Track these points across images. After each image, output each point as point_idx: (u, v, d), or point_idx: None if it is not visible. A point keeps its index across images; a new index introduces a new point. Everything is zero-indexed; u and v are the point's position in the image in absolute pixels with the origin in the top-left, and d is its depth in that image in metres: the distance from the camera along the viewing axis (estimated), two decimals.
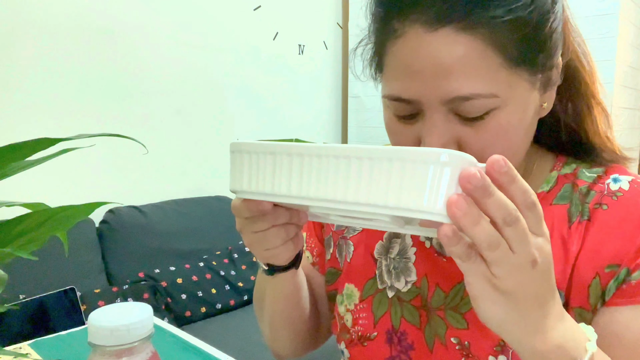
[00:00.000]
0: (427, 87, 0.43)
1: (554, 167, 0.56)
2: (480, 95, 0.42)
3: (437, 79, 0.43)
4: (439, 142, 0.45)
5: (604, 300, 0.49)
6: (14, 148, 0.31)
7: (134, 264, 1.83)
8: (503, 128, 0.44)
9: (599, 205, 0.51)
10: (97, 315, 0.38)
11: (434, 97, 0.44)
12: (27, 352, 0.75)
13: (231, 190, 0.45)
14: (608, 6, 2.04)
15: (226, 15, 2.32)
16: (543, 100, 0.49)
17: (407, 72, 0.44)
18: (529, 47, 0.43)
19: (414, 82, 0.44)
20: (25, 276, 1.54)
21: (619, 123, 2.22)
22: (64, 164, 1.82)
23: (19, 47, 1.72)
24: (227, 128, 2.39)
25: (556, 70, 0.48)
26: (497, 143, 0.45)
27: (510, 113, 0.44)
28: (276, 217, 0.47)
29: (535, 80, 0.46)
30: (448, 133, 0.45)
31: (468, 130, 0.45)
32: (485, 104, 0.43)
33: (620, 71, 2.14)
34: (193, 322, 1.83)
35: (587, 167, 0.55)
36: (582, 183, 0.53)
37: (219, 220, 2.14)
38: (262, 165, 0.41)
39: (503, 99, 0.43)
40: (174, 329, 0.84)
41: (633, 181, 0.52)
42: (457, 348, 0.52)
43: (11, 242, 0.33)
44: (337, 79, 2.92)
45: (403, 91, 0.45)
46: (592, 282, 0.48)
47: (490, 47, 0.42)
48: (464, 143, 0.45)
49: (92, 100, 1.91)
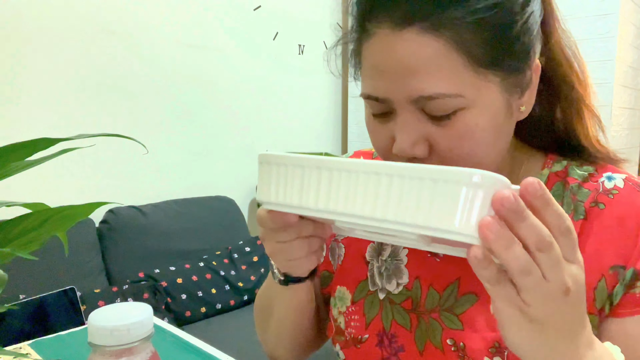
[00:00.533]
0: (395, 86, 0.44)
1: (545, 164, 0.55)
2: (445, 95, 0.43)
3: (403, 79, 0.43)
4: (409, 139, 0.45)
5: (611, 304, 0.48)
6: (14, 148, 0.31)
7: (134, 264, 1.83)
8: (470, 129, 0.44)
9: (595, 204, 0.50)
10: (97, 315, 0.38)
11: (401, 96, 0.44)
12: (27, 352, 0.75)
13: (258, 201, 0.44)
14: (608, 6, 2.04)
15: (226, 15, 2.32)
16: (520, 103, 0.48)
17: (377, 71, 0.46)
18: (494, 49, 0.43)
19: (382, 81, 0.45)
20: (25, 276, 1.54)
21: (619, 123, 2.22)
22: (64, 164, 1.82)
23: (19, 47, 1.72)
24: (227, 128, 2.39)
25: (532, 73, 0.48)
26: (465, 143, 0.45)
27: (477, 114, 0.44)
28: (301, 229, 0.47)
29: (507, 83, 0.45)
30: (418, 131, 0.45)
31: (437, 129, 0.45)
32: (450, 104, 0.43)
33: (620, 71, 2.14)
34: (193, 322, 1.83)
35: (577, 165, 0.54)
36: (573, 181, 0.53)
37: (219, 220, 2.14)
38: (290, 177, 0.41)
39: (469, 99, 0.43)
40: (174, 329, 0.84)
41: (627, 179, 0.52)
42: (453, 350, 0.52)
43: (11, 242, 0.33)
44: (337, 79, 2.92)
45: (374, 90, 0.46)
46: (598, 284, 0.48)
47: (454, 48, 0.42)
48: (433, 141, 0.46)
49: (92, 100, 1.91)
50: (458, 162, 0.45)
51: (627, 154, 2.50)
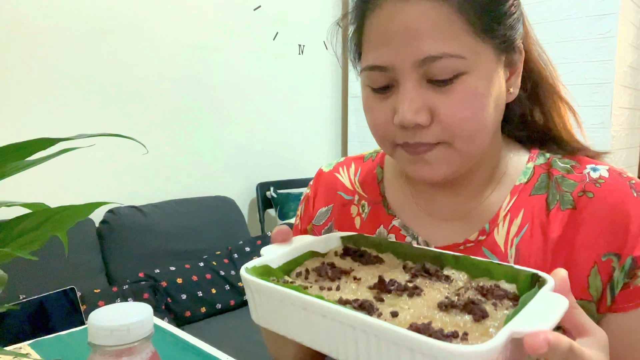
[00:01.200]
0: (401, 50, 0.47)
1: (530, 159, 0.58)
2: (448, 54, 0.46)
3: (409, 42, 0.47)
4: (412, 107, 0.47)
5: (613, 294, 0.49)
6: (14, 148, 0.32)
7: (134, 264, 1.83)
8: (471, 93, 0.47)
9: (583, 193, 0.52)
10: (97, 315, 0.38)
11: (407, 61, 0.47)
12: (27, 352, 0.75)
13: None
14: (608, 6, 2.04)
15: (226, 15, 2.32)
16: (509, 85, 0.52)
17: (382, 39, 0.48)
18: (490, 17, 0.48)
19: (388, 48, 0.48)
20: (25, 276, 1.54)
21: (619, 123, 2.22)
22: (64, 164, 1.82)
23: (19, 47, 1.72)
24: (227, 128, 2.39)
25: (519, 55, 0.52)
26: (467, 107, 0.47)
27: (477, 79, 0.47)
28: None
29: (500, 56, 0.49)
30: (420, 99, 0.48)
31: (439, 96, 0.47)
32: (453, 65, 0.46)
33: (620, 71, 2.14)
34: (193, 322, 1.83)
35: (559, 158, 0.57)
36: (557, 172, 0.55)
37: (219, 220, 2.14)
38: (272, 308, 0.40)
39: (469, 63, 0.47)
40: (174, 329, 0.84)
41: (611, 169, 0.54)
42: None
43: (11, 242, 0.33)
44: (337, 79, 2.92)
45: (378, 59, 0.49)
46: (591, 271, 0.49)
47: (456, 13, 0.46)
48: (436, 109, 0.48)
49: (92, 100, 1.91)
50: (459, 127, 0.47)
51: (627, 154, 2.50)
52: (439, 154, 0.50)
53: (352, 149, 2.91)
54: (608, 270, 0.49)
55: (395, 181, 0.65)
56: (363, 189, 0.67)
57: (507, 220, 0.54)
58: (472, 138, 0.49)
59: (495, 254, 0.54)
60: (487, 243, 0.54)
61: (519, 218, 0.54)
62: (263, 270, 0.45)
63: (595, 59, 2.10)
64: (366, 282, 0.42)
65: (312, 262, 0.49)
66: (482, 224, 0.55)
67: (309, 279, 0.45)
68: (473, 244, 0.55)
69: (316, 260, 0.49)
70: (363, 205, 0.65)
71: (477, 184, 0.57)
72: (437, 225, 0.59)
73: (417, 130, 0.49)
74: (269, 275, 0.45)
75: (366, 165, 0.69)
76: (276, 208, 2.47)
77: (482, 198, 0.57)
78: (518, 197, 0.55)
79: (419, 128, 0.48)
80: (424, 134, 0.49)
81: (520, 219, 0.54)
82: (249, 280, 0.41)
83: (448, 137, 0.49)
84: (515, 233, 0.53)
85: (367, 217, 0.64)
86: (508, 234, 0.54)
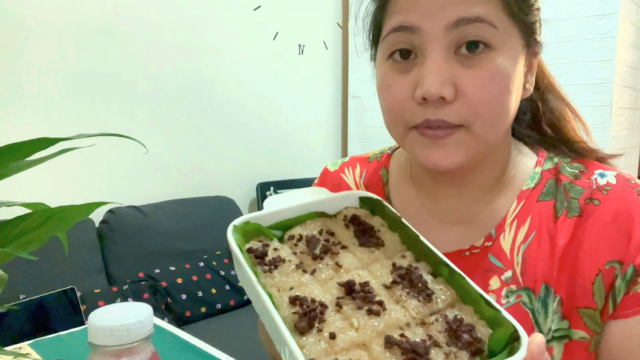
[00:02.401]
0: (433, 12, 0.45)
1: (537, 163, 0.57)
2: (482, 19, 0.45)
3: (442, 4, 0.45)
4: (439, 78, 0.45)
5: (615, 302, 0.49)
6: (14, 148, 0.31)
7: (134, 264, 1.83)
8: (499, 71, 0.46)
9: (589, 201, 0.51)
10: (97, 315, 0.38)
11: (437, 24, 0.45)
12: (27, 352, 0.75)
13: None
14: (608, 6, 2.04)
15: (226, 15, 2.32)
16: (526, 81, 0.52)
17: (413, 2, 0.46)
18: (521, 5, 0.47)
19: (418, 9, 0.46)
20: (25, 276, 1.54)
21: (619, 123, 2.22)
22: (64, 164, 1.82)
23: (19, 47, 1.72)
24: (227, 128, 2.39)
25: (537, 52, 0.52)
26: (492, 85, 0.46)
27: (504, 58, 0.46)
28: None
29: (525, 44, 0.49)
30: (446, 72, 0.45)
31: (466, 70, 0.46)
32: (485, 32, 0.45)
33: (620, 71, 2.14)
34: (193, 322, 1.83)
35: (567, 162, 0.56)
36: (565, 178, 0.54)
37: (219, 220, 2.14)
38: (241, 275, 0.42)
39: (500, 37, 0.46)
40: (174, 329, 0.84)
41: (619, 175, 0.53)
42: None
43: (11, 242, 0.33)
44: (337, 79, 2.92)
45: (406, 19, 0.47)
46: (596, 279, 0.49)
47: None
48: (461, 84, 0.46)
49: (92, 100, 1.91)
50: (483, 106, 0.46)
51: (627, 154, 2.50)
52: (458, 139, 0.47)
53: (352, 149, 2.91)
54: (611, 278, 0.48)
55: (400, 183, 0.64)
56: (367, 191, 0.66)
57: (513, 227, 0.53)
58: (494, 120, 0.47)
59: (501, 261, 0.53)
60: (493, 249, 0.53)
61: (526, 225, 0.53)
62: (252, 229, 0.44)
63: (595, 59, 2.10)
64: (344, 274, 0.41)
65: (314, 224, 0.47)
66: (488, 229, 0.54)
67: (298, 246, 0.44)
68: (479, 250, 0.54)
69: (319, 223, 0.47)
70: None
71: (483, 185, 0.56)
72: (442, 229, 0.58)
73: (439, 106, 0.46)
74: (257, 235, 0.44)
75: (371, 166, 0.68)
76: None
77: (487, 201, 0.56)
78: (525, 202, 0.54)
79: (442, 103, 0.46)
80: (447, 110, 0.46)
81: (527, 225, 0.53)
82: (229, 242, 0.41)
83: (471, 117, 0.46)
84: (522, 240, 0.52)
85: None
86: (515, 241, 0.53)
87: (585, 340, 0.49)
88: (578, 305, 0.49)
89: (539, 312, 0.50)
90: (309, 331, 0.35)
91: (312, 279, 0.41)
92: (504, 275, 0.52)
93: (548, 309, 0.49)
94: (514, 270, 0.52)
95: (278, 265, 0.41)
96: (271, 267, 0.41)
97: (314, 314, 0.36)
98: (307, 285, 0.40)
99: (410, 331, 0.36)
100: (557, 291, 0.50)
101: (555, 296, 0.50)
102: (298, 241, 0.45)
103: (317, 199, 0.48)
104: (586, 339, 0.49)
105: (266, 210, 0.46)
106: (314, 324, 0.36)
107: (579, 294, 0.49)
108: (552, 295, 0.50)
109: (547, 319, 0.49)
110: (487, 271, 0.53)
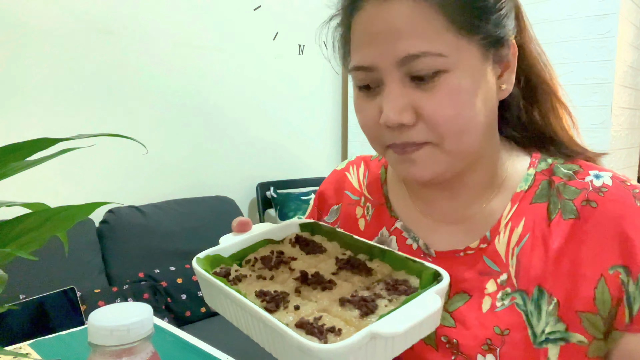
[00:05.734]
0: (384, 49, 0.48)
1: (531, 164, 0.57)
2: (428, 53, 0.46)
3: (391, 42, 0.47)
4: (396, 107, 0.48)
5: (631, 310, 0.47)
6: (14, 148, 0.31)
7: (134, 264, 1.83)
8: (454, 90, 0.47)
9: (587, 203, 0.51)
10: (97, 315, 0.38)
11: (389, 60, 0.48)
12: (27, 352, 0.75)
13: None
14: (608, 6, 2.04)
15: (226, 15, 2.32)
16: (502, 82, 0.52)
17: (366, 39, 0.49)
18: (473, 15, 0.47)
19: (371, 47, 0.49)
20: (25, 276, 1.54)
21: (619, 123, 2.22)
22: (64, 164, 1.82)
23: (19, 48, 1.72)
24: (227, 128, 2.39)
25: (509, 50, 0.51)
26: (449, 105, 0.47)
27: (460, 77, 0.47)
28: None
29: (486, 51, 0.49)
30: (404, 98, 0.48)
31: (422, 94, 0.48)
32: (434, 63, 0.46)
33: (620, 71, 2.14)
34: (193, 322, 1.83)
35: (561, 162, 0.56)
36: (559, 180, 0.54)
37: (219, 220, 2.14)
38: (212, 293, 0.48)
39: (451, 60, 0.47)
40: (174, 329, 0.84)
41: (614, 176, 0.52)
42: (447, 347, 0.53)
43: (11, 242, 0.33)
44: (337, 79, 2.92)
45: (363, 59, 0.50)
46: (598, 284, 0.48)
47: (437, 11, 0.46)
48: (420, 108, 0.48)
49: (92, 100, 1.91)
50: (444, 126, 0.48)
51: (627, 154, 2.50)
52: (426, 154, 0.50)
53: (352, 149, 2.91)
54: (617, 283, 0.48)
55: (396, 183, 0.65)
56: (369, 191, 0.67)
57: (508, 229, 0.54)
58: (459, 137, 0.48)
59: (497, 264, 0.53)
60: (488, 252, 0.54)
61: (520, 227, 0.53)
62: (213, 259, 0.51)
63: (595, 59, 2.10)
64: (296, 273, 0.49)
65: (265, 249, 0.55)
66: (484, 232, 0.55)
67: (255, 266, 0.52)
68: (474, 252, 0.54)
69: (269, 248, 0.55)
70: (367, 207, 0.66)
71: (475, 187, 0.56)
72: (437, 229, 0.58)
73: (403, 130, 0.49)
74: (219, 264, 0.52)
75: (373, 165, 0.70)
76: (276, 208, 2.47)
77: (482, 203, 0.56)
78: (519, 205, 0.54)
79: (404, 128, 0.49)
80: (410, 133, 0.49)
81: (521, 228, 0.53)
82: (195, 270, 0.49)
83: (435, 136, 0.48)
84: (516, 242, 0.53)
85: (371, 218, 0.65)
86: (509, 243, 0.53)
87: (583, 344, 0.48)
88: (578, 309, 0.49)
89: (532, 314, 0.50)
90: (276, 310, 0.42)
91: (272, 282, 0.48)
92: (500, 279, 0.52)
93: (541, 311, 0.49)
94: (508, 273, 0.52)
95: (241, 279, 0.49)
96: (236, 281, 0.48)
97: (279, 298, 0.44)
98: (269, 285, 0.47)
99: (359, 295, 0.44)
100: (553, 294, 0.50)
101: (552, 298, 0.49)
102: (254, 262, 0.52)
103: (264, 230, 0.57)
104: (584, 343, 0.48)
105: (223, 245, 0.53)
106: (280, 305, 0.43)
107: (579, 298, 0.49)
108: (546, 298, 0.50)
109: (540, 321, 0.49)
110: (482, 274, 0.53)
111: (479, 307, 0.52)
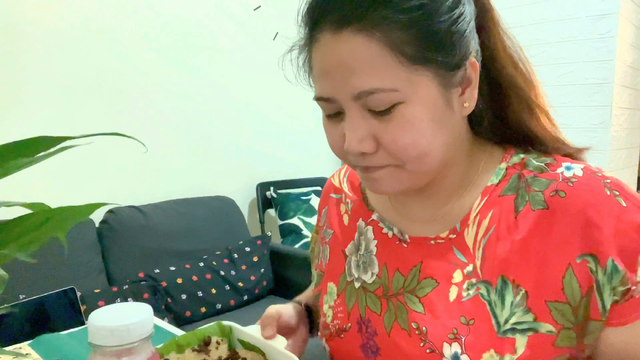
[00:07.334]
0: (338, 84, 0.49)
1: (503, 158, 0.57)
2: (381, 89, 0.46)
3: (344, 78, 0.48)
4: (356, 137, 0.49)
5: (603, 299, 0.48)
6: (14, 147, 0.31)
7: (134, 264, 1.83)
8: (409, 121, 0.48)
9: (555, 193, 0.51)
10: (97, 315, 0.38)
11: (345, 94, 0.49)
12: (27, 352, 0.75)
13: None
14: (608, 6, 2.04)
15: (226, 15, 2.32)
16: (464, 100, 0.52)
17: (322, 73, 0.50)
18: (424, 46, 0.47)
19: (328, 81, 0.50)
20: (25, 276, 1.54)
21: (619, 123, 2.22)
22: (64, 164, 1.82)
23: (19, 48, 1.72)
24: (227, 128, 2.39)
25: (468, 71, 0.51)
26: (406, 134, 0.48)
27: (414, 107, 0.48)
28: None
29: (442, 78, 0.48)
30: (364, 127, 0.49)
31: (380, 124, 0.49)
32: (388, 98, 0.47)
33: (620, 71, 2.14)
34: (193, 322, 1.83)
35: (535, 157, 0.56)
36: (528, 173, 0.54)
37: (219, 220, 2.15)
38: None
39: (405, 93, 0.47)
40: (174, 329, 0.84)
41: (585, 168, 0.52)
42: (417, 333, 0.54)
43: (11, 242, 0.32)
44: None
45: (322, 91, 0.51)
46: (566, 273, 0.49)
47: (386, 46, 0.46)
48: (379, 136, 0.49)
49: (92, 100, 1.91)
50: (403, 152, 0.49)
51: (627, 154, 2.50)
52: (388, 174, 0.51)
53: None
54: (585, 272, 0.48)
55: None
56: (348, 188, 0.71)
57: (476, 222, 0.54)
58: (419, 160, 0.50)
59: (465, 255, 0.54)
60: (457, 242, 0.55)
61: (487, 219, 0.54)
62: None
63: (595, 59, 2.10)
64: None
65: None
66: (454, 223, 0.56)
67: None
68: (443, 241, 0.56)
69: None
70: (347, 203, 0.69)
71: (448, 189, 0.58)
72: (412, 227, 0.61)
73: (365, 157, 0.51)
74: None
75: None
76: (276, 208, 2.47)
77: (455, 201, 0.58)
78: (489, 198, 0.55)
79: (367, 154, 0.50)
80: (372, 159, 0.51)
81: (487, 220, 0.54)
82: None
83: (395, 161, 0.50)
84: (482, 234, 0.54)
85: (351, 212, 0.68)
86: (477, 235, 0.54)
87: (551, 333, 0.48)
88: (547, 299, 0.49)
89: (496, 304, 0.51)
90: None
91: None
92: (466, 269, 0.53)
93: (505, 301, 0.50)
94: (474, 265, 0.53)
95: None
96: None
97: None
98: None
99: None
100: (521, 284, 0.50)
101: (520, 289, 0.50)
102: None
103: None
104: (552, 333, 0.48)
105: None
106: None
107: (547, 287, 0.49)
108: (510, 288, 0.50)
109: (503, 310, 0.50)
110: (451, 264, 0.55)
111: (446, 296, 0.54)
